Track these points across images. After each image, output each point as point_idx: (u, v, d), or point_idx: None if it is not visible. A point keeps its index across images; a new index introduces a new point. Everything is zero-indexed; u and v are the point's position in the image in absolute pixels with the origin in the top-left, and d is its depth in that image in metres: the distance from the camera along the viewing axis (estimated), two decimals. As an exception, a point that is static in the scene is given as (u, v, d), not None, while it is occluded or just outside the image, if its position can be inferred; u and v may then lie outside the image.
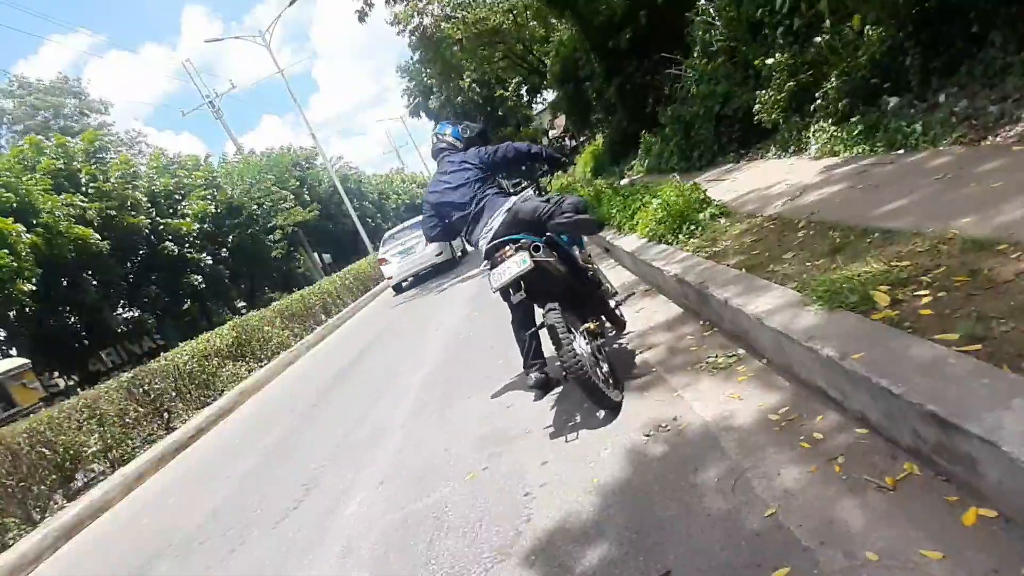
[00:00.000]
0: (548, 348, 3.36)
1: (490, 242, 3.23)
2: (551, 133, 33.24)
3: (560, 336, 2.84)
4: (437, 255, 14.41)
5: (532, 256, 2.95)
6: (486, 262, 3.23)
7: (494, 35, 24.73)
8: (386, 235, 16.05)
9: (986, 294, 2.00)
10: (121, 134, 33.68)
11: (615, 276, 5.49)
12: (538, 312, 3.28)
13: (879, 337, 2.00)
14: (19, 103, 32.01)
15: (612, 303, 3.67)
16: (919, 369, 1.72)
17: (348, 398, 6.04)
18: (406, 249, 14.50)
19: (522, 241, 3.06)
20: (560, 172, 4.56)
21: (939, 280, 2.22)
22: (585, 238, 3.82)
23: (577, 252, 3.49)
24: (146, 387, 8.06)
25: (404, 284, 14.94)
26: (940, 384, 1.62)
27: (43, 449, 6.22)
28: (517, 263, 2.95)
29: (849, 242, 3.08)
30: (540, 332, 3.27)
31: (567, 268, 3.19)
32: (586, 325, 3.13)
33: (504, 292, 3.12)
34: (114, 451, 7.12)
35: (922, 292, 2.18)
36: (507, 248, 3.06)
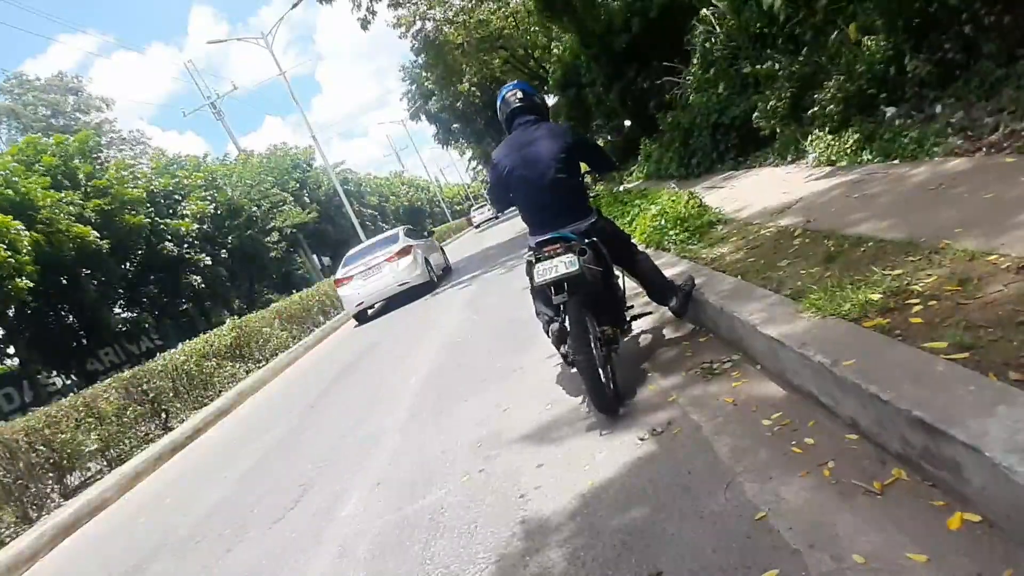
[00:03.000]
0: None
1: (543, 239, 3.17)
2: None
3: (584, 334, 2.90)
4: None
5: (579, 260, 2.93)
6: (529, 251, 3.21)
7: (496, 40, 24.83)
8: (474, 210, 36.23)
9: (975, 303, 2.04)
10: (124, 133, 33.61)
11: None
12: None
13: (870, 344, 2.03)
14: (18, 100, 32.02)
15: (627, 315, 3.70)
16: (908, 376, 1.76)
17: (345, 400, 6.06)
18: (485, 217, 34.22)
19: (572, 242, 3.06)
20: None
21: (930, 289, 2.26)
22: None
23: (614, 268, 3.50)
24: (144, 386, 8.07)
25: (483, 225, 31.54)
26: (928, 391, 1.66)
27: (41, 447, 6.23)
28: (565, 264, 2.93)
29: (843, 251, 3.12)
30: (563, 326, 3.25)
31: (602, 275, 3.22)
32: (603, 328, 3.15)
33: (541, 287, 3.08)
34: (112, 450, 7.13)
35: (913, 301, 2.21)
36: (556, 245, 3.04)
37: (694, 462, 2.31)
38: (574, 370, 3.53)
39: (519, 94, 3.52)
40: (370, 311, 12.44)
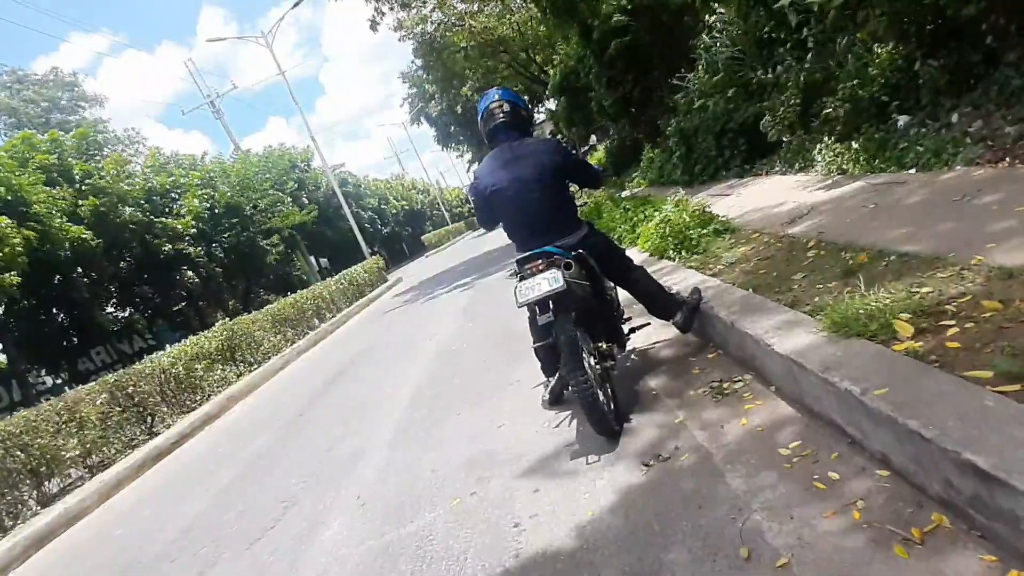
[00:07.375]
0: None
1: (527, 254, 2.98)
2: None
3: (576, 354, 2.69)
4: None
5: (564, 275, 2.74)
6: (513, 271, 3.03)
7: (499, 45, 24.70)
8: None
9: (1021, 327, 1.84)
10: (119, 131, 33.17)
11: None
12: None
13: (904, 371, 1.83)
14: (15, 96, 31.86)
15: (625, 328, 3.49)
16: (953, 411, 1.55)
17: (335, 409, 5.85)
18: None
19: (555, 257, 2.85)
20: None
21: (966, 310, 2.06)
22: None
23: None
24: (130, 390, 7.84)
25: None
26: (978, 430, 1.45)
27: (18, 452, 6.01)
28: (548, 281, 2.72)
29: (863, 264, 2.93)
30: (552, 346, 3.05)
31: (592, 288, 3.02)
32: (598, 345, 2.94)
33: (528, 306, 2.89)
34: (93, 456, 6.90)
35: (948, 322, 2.02)
36: (539, 261, 2.84)
37: (704, 494, 2.10)
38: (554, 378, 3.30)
39: (505, 107, 3.27)
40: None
